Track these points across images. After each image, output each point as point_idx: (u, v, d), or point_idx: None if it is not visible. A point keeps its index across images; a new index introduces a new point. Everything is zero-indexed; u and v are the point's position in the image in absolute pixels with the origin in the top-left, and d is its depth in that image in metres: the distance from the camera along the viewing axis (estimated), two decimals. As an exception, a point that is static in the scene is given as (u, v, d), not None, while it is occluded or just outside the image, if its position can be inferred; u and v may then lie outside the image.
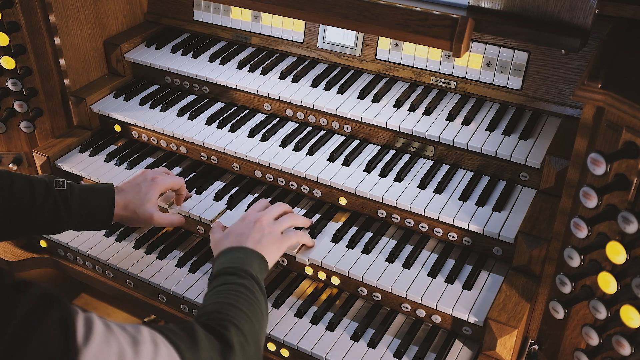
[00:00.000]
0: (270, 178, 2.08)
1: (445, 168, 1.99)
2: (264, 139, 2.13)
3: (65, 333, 0.96)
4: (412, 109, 2.08)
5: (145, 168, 2.17)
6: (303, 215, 1.97)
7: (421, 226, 1.88)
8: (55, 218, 1.70)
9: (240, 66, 2.35)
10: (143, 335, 1.11)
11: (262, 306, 1.48)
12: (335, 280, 1.87)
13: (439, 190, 1.90)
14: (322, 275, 1.89)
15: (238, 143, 2.12)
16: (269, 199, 2.04)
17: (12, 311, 0.91)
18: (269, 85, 2.24)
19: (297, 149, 2.08)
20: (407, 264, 1.80)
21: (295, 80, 2.25)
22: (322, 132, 2.17)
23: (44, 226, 1.71)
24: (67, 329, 0.96)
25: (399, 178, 1.94)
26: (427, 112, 2.06)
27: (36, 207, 1.66)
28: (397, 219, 1.91)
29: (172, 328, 1.22)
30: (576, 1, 1.69)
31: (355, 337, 1.74)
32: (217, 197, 2.05)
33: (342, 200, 1.98)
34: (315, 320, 1.79)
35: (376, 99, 2.13)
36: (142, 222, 1.85)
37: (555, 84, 1.97)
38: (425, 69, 2.16)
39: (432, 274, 1.78)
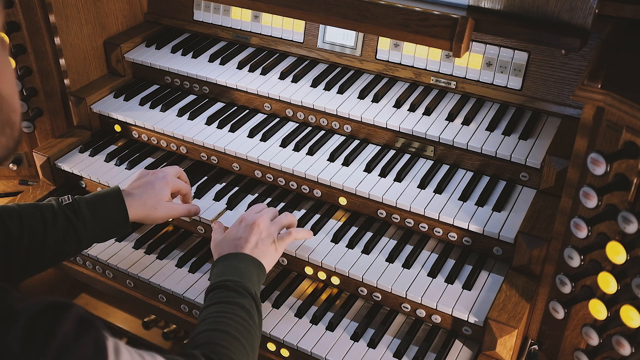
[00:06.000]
0: (270, 178, 2.08)
1: (445, 168, 1.99)
2: (264, 139, 2.13)
3: (99, 356, 1.00)
4: (412, 109, 2.08)
5: (145, 168, 2.17)
6: (303, 215, 1.97)
7: (421, 226, 1.88)
8: (72, 233, 1.66)
9: (240, 66, 2.35)
10: None
11: (257, 331, 1.53)
12: (335, 280, 1.87)
13: (439, 190, 1.90)
14: (322, 275, 1.89)
15: (238, 143, 2.12)
16: (269, 199, 2.04)
17: (52, 335, 0.94)
18: (269, 85, 2.24)
19: (297, 149, 2.08)
20: (407, 264, 1.80)
21: (295, 80, 2.25)
22: (322, 132, 2.17)
23: (65, 246, 1.66)
24: (101, 355, 1.00)
25: (399, 178, 1.94)
26: (427, 112, 2.06)
27: (49, 229, 1.63)
28: (397, 219, 1.91)
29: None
30: (576, 1, 1.69)
31: (355, 337, 1.74)
32: (217, 197, 2.05)
33: (342, 200, 1.98)
34: (315, 320, 1.79)
35: (376, 99, 2.13)
36: (161, 219, 1.86)
37: (555, 84, 1.97)
38: (425, 69, 2.15)
39: (432, 274, 1.78)
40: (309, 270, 1.90)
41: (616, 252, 1.35)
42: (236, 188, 2.10)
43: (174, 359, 1.23)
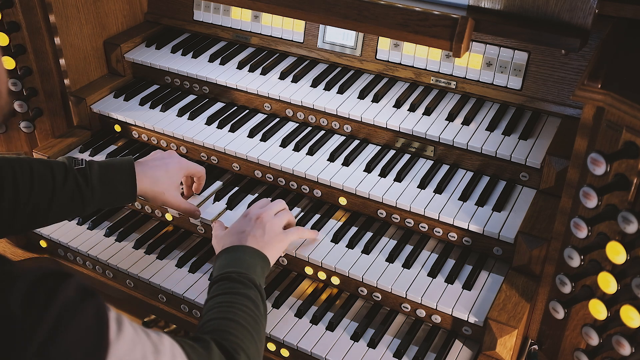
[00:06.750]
0: (270, 178, 2.08)
1: (445, 168, 1.99)
2: (264, 139, 2.13)
3: (100, 326, 0.98)
4: (412, 109, 2.08)
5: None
6: (303, 215, 1.97)
7: (421, 226, 1.88)
8: (79, 199, 1.69)
9: (240, 66, 2.35)
10: (164, 346, 1.14)
11: (263, 321, 1.53)
12: (335, 280, 1.87)
13: (439, 190, 1.90)
14: (322, 275, 1.89)
15: (238, 143, 2.12)
16: (269, 199, 2.04)
17: (53, 299, 0.93)
18: (269, 85, 2.24)
19: (297, 149, 2.08)
20: (407, 264, 1.80)
21: (295, 80, 2.25)
22: (322, 132, 2.17)
23: (70, 208, 1.70)
24: (102, 323, 0.99)
25: (399, 178, 1.94)
26: (427, 112, 2.06)
27: (58, 190, 1.66)
28: (397, 219, 1.91)
29: (191, 343, 1.25)
30: (576, 1, 1.69)
31: (355, 337, 1.74)
32: (217, 197, 2.05)
33: (342, 200, 1.98)
34: (315, 320, 1.79)
35: (376, 99, 2.13)
36: (164, 203, 1.89)
37: (555, 84, 1.97)
38: (425, 69, 2.16)
39: (432, 274, 1.78)
40: (309, 270, 1.90)
41: (616, 252, 1.35)
42: (236, 188, 2.10)
43: (183, 341, 1.22)
